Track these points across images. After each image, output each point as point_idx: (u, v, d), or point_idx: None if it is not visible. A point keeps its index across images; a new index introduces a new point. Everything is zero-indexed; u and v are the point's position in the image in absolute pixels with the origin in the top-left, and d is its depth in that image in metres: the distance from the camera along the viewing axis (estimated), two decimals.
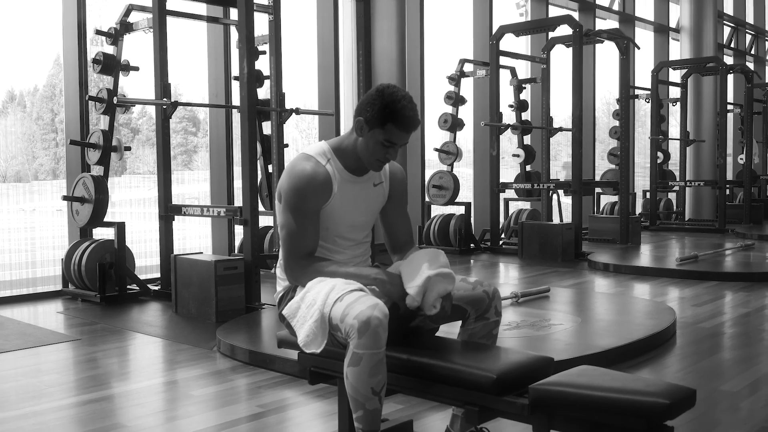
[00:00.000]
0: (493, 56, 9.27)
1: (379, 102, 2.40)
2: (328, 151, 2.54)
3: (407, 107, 2.40)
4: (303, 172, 2.46)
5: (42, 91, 16.95)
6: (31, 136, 24.86)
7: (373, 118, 2.41)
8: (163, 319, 5.32)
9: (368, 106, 2.42)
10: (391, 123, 2.40)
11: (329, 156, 2.52)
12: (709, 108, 13.34)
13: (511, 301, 5.35)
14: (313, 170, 2.46)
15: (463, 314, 2.53)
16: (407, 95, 2.44)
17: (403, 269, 2.44)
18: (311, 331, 2.33)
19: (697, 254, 7.96)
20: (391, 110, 2.39)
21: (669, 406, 1.86)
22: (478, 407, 2.15)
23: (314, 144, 2.61)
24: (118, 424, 3.12)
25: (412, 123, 2.43)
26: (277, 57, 6.61)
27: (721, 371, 3.92)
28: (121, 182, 20.67)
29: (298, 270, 2.47)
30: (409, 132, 2.44)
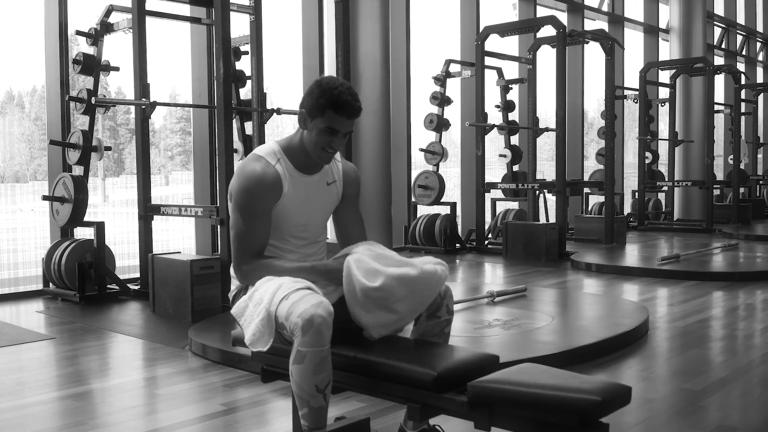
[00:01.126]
0: (479, 57, 9.30)
1: (318, 91, 2.44)
2: (278, 151, 2.55)
3: (344, 92, 2.43)
4: (252, 173, 2.48)
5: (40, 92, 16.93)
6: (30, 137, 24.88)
7: (313, 107, 2.45)
8: (141, 318, 5.34)
9: (308, 97, 2.47)
10: (330, 109, 2.42)
11: (279, 156, 2.54)
12: (698, 108, 13.37)
13: (487, 301, 5.37)
14: (262, 170, 2.48)
15: None
16: (346, 83, 2.49)
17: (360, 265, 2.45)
18: (257, 329, 2.36)
19: (679, 254, 7.99)
20: (328, 97, 2.42)
21: (601, 403, 1.89)
22: (420, 404, 2.17)
23: (264, 144, 2.63)
24: (81, 422, 3.14)
25: (351, 107, 2.44)
26: (259, 57, 6.63)
27: (687, 370, 3.94)
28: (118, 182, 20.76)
29: (247, 269, 2.50)
30: (350, 117, 2.46)
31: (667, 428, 2.99)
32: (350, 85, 2.50)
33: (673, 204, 13.61)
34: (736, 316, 5.41)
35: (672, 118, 13.27)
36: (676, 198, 13.62)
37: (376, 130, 8.01)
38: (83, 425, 3.08)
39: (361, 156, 8.03)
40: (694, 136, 13.37)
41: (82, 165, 6.01)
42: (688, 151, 13.49)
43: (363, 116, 2.55)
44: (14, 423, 3.13)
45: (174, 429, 3.03)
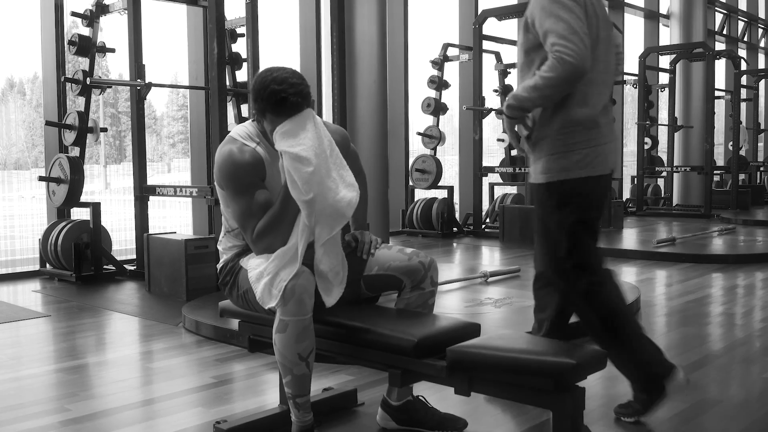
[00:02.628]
0: (476, 40, 9.29)
1: (255, 95, 2.35)
2: (255, 134, 2.49)
3: (278, 91, 2.29)
4: (229, 156, 2.43)
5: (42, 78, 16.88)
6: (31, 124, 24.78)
7: (257, 110, 2.38)
8: (136, 297, 5.37)
9: (252, 103, 2.39)
10: (270, 113, 2.34)
11: (258, 138, 2.48)
12: (698, 94, 13.34)
13: (480, 281, 5.41)
14: (238, 150, 2.43)
15: (399, 284, 2.56)
16: (278, 75, 2.31)
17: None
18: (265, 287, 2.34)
19: (675, 237, 8.01)
20: (263, 100, 2.33)
21: (575, 366, 1.91)
22: (400, 370, 2.20)
23: (239, 125, 2.56)
24: (70, 393, 3.18)
25: (285, 106, 2.30)
26: (254, 39, 6.62)
27: (674, 346, 3.97)
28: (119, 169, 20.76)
29: (261, 241, 2.41)
30: (292, 115, 2.32)
31: None
32: (286, 74, 2.32)
33: (672, 190, 13.61)
34: (729, 296, 5.44)
35: (672, 103, 13.25)
36: (675, 184, 13.61)
37: (373, 113, 7.99)
38: (76, 396, 3.12)
39: (357, 139, 8.03)
40: (693, 122, 13.34)
41: (78, 146, 6.03)
42: (688, 136, 13.47)
43: (359, 99, 2.36)
44: (10, 394, 3.17)
45: (166, 400, 3.07)
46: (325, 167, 2.33)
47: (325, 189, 2.31)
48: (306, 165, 2.28)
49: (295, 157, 2.28)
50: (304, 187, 2.27)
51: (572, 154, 2.65)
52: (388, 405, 2.65)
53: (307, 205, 2.28)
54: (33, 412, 2.93)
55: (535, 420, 2.75)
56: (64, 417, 2.85)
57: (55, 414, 2.89)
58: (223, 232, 2.63)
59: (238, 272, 2.51)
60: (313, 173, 2.28)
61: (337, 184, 2.34)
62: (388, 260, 2.56)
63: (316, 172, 2.28)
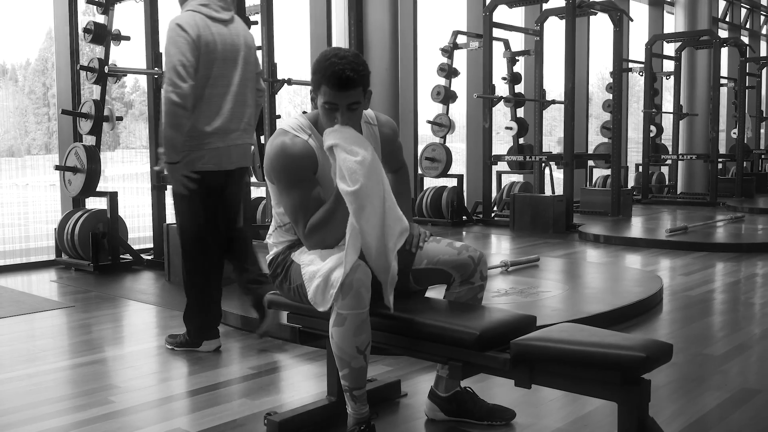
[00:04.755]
0: (487, 28, 9.25)
1: (314, 67, 2.35)
2: (307, 126, 2.47)
3: (336, 63, 2.29)
4: (281, 148, 2.41)
5: (34, 65, 16.78)
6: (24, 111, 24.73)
7: (313, 84, 2.37)
8: (156, 287, 5.36)
9: (312, 74, 2.38)
10: (324, 84, 2.32)
11: (310, 131, 2.46)
12: (703, 82, 13.33)
13: (500, 270, 5.41)
14: (291, 142, 2.41)
15: (448, 278, 2.55)
16: (342, 52, 2.33)
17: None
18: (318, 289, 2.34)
19: (687, 226, 8.03)
20: (320, 71, 2.32)
21: (645, 359, 1.91)
22: (461, 363, 2.20)
23: (290, 119, 2.54)
24: (111, 385, 3.17)
25: (340, 78, 2.28)
26: (269, 27, 6.60)
27: (706, 336, 3.99)
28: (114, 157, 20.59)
29: (313, 236, 2.42)
30: (343, 90, 2.30)
31: (692, 390, 3.03)
32: (348, 53, 2.34)
33: (677, 177, 13.63)
34: (749, 286, 5.46)
35: (677, 91, 13.25)
36: (680, 171, 13.63)
37: (385, 100, 7.97)
38: (117, 388, 3.11)
39: None
40: (698, 110, 13.34)
41: (93, 135, 5.99)
42: (692, 124, 13.47)
43: (371, 87, 2.37)
44: (49, 386, 3.16)
45: (208, 391, 3.06)
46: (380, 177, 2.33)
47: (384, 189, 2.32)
48: (354, 155, 2.27)
49: (344, 148, 2.28)
50: (350, 178, 2.25)
51: (194, 153, 3.44)
52: (437, 396, 2.65)
53: (354, 198, 2.25)
54: (71, 406, 2.92)
55: (581, 411, 2.76)
56: (108, 410, 2.84)
57: (98, 406, 2.87)
58: (273, 227, 2.61)
59: (290, 266, 2.50)
60: (361, 162, 2.26)
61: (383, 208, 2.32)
62: (437, 254, 2.55)
63: (365, 163, 2.26)
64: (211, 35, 3.41)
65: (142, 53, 6.11)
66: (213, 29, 3.42)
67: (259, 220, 7.17)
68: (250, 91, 3.60)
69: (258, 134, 7.00)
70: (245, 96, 3.56)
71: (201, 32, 3.37)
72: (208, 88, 3.41)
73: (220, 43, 3.43)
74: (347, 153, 2.27)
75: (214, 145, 3.45)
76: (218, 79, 3.44)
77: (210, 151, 3.44)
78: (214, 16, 3.45)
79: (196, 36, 3.35)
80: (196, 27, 3.37)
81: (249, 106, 3.60)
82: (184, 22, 3.36)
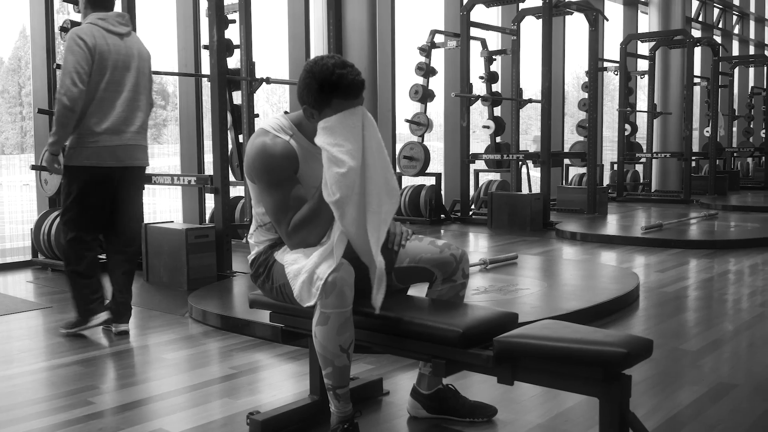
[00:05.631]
0: (464, 27, 9.30)
1: (315, 83, 2.29)
2: (289, 126, 2.46)
3: (344, 75, 2.27)
4: (262, 148, 2.40)
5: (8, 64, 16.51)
6: None
7: (317, 101, 2.31)
8: (135, 287, 5.29)
9: (306, 91, 2.33)
10: (337, 98, 2.28)
11: (291, 131, 2.45)
12: (676, 81, 13.50)
13: (479, 268, 5.44)
14: (272, 142, 2.41)
15: (430, 277, 2.57)
16: (339, 61, 2.31)
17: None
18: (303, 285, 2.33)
19: (662, 223, 8.13)
20: (329, 85, 2.27)
21: (626, 355, 1.94)
22: (445, 360, 2.22)
23: (271, 118, 2.53)
24: (91, 386, 3.15)
25: (357, 87, 2.29)
26: (247, 25, 6.59)
27: (681, 332, 4.05)
28: None
29: (296, 236, 2.41)
30: (358, 97, 2.32)
31: (670, 385, 3.08)
32: (344, 61, 2.31)
33: (651, 175, 13.78)
34: (723, 282, 5.54)
35: (651, 90, 13.40)
36: (654, 169, 13.79)
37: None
38: (96, 389, 3.09)
39: None
40: (672, 109, 13.50)
41: None
42: (666, 123, 13.63)
43: None
44: (28, 387, 3.14)
45: (189, 391, 3.06)
46: (374, 171, 2.31)
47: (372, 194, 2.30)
48: (340, 166, 2.25)
49: (331, 157, 2.27)
50: (332, 188, 2.26)
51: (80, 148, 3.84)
52: (419, 393, 2.67)
53: (335, 207, 2.27)
54: (50, 408, 2.90)
55: (562, 407, 2.79)
56: (88, 411, 2.82)
57: (77, 408, 2.86)
58: (254, 227, 2.61)
59: (272, 265, 2.50)
60: (344, 175, 2.24)
61: (384, 190, 2.33)
62: (419, 252, 2.57)
63: (349, 175, 2.25)
64: (107, 45, 3.83)
65: None
66: (108, 40, 3.85)
67: (237, 219, 7.15)
68: (144, 97, 4.01)
69: (236, 133, 6.98)
70: (137, 101, 3.96)
71: (97, 42, 3.79)
72: (100, 92, 3.82)
73: (114, 53, 3.85)
74: (333, 163, 2.26)
75: (102, 143, 3.84)
76: (111, 84, 3.85)
77: (97, 148, 3.83)
78: (110, 29, 3.88)
79: (92, 45, 3.77)
80: (93, 38, 3.79)
81: (142, 111, 4.00)
82: (83, 33, 3.79)
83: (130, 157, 3.97)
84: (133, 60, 3.93)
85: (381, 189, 2.34)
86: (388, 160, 2.40)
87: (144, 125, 4.04)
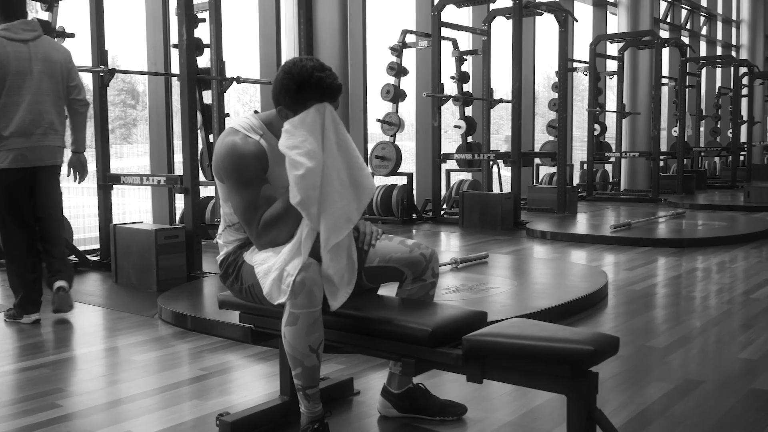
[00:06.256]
0: (435, 27, 9.32)
1: (293, 84, 2.29)
2: (260, 126, 2.46)
3: (323, 78, 2.29)
4: (232, 147, 2.39)
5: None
6: None
7: (294, 102, 2.31)
8: (103, 288, 5.27)
9: (282, 92, 2.32)
10: (314, 101, 2.29)
11: (261, 131, 2.45)
12: (645, 81, 13.67)
13: (450, 267, 5.47)
14: (242, 141, 2.40)
15: (400, 276, 2.57)
16: (317, 63, 2.32)
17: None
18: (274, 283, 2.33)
19: (631, 222, 8.22)
20: (308, 87, 2.28)
21: (593, 353, 1.96)
22: (414, 359, 2.22)
23: (240, 118, 2.52)
24: (58, 388, 3.11)
25: (334, 91, 2.32)
26: (217, 24, 6.55)
27: (649, 329, 4.10)
28: None
29: (265, 236, 2.40)
30: (335, 100, 2.34)
31: (637, 381, 3.12)
32: (321, 64, 2.32)
33: (620, 175, 13.93)
34: (690, 279, 5.62)
35: (620, 90, 13.55)
36: (623, 169, 13.94)
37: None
38: (63, 392, 3.05)
39: None
40: (640, 109, 13.67)
41: None
42: (635, 123, 13.80)
43: None
44: None
45: (159, 393, 3.03)
46: (330, 171, 2.30)
47: (326, 194, 2.29)
48: (297, 168, 2.26)
49: (290, 160, 2.27)
50: (292, 190, 2.27)
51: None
52: (389, 393, 2.67)
53: (300, 208, 2.28)
54: (16, 411, 2.86)
55: (531, 404, 2.81)
56: (55, 414, 2.79)
57: (45, 411, 2.82)
58: (222, 227, 2.60)
59: (241, 266, 2.49)
60: (302, 177, 2.25)
61: (344, 188, 2.33)
62: (389, 252, 2.57)
63: (307, 176, 2.25)
64: (6, 54, 4.01)
65: (87, 50, 5.99)
66: (8, 48, 4.03)
67: (207, 220, 7.11)
68: (50, 98, 4.16)
69: (206, 133, 6.94)
70: (42, 104, 4.13)
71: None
72: (3, 98, 4.02)
73: (14, 59, 4.03)
74: (292, 166, 2.27)
75: (12, 146, 4.05)
76: (12, 89, 4.04)
77: (9, 151, 4.05)
78: (12, 37, 4.05)
79: None
80: None
81: (49, 113, 4.16)
82: None
83: (39, 158, 4.15)
84: (36, 63, 4.09)
85: (341, 188, 2.32)
86: (354, 156, 2.39)
87: (54, 126, 4.20)
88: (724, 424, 2.65)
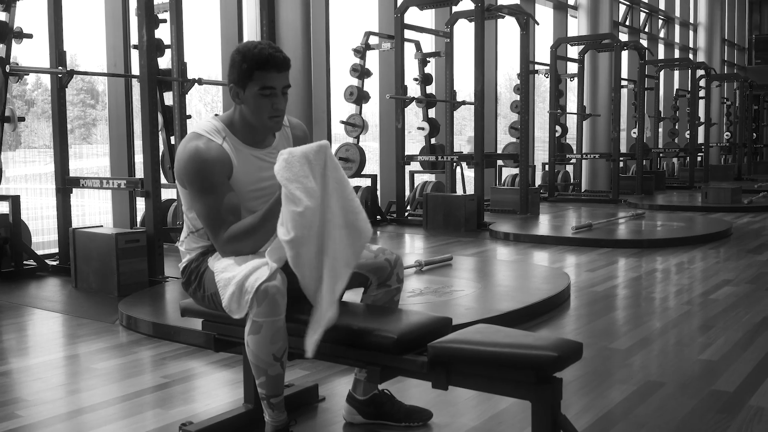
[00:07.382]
0: (398, 29, 9.34)
1: (239, 57, 2.36)
2: (221, 128, 2.44)
3: (266, 48, 2.36)
4: (196, 152, 2.37)
5: None
6: None
7: (240, 75, 2.37)
8: (62, 294, 5.18)
9: (232, 69, 2.39)
10: (257, 70, 2.34)
11: (224, 133, 2.44)
12: (605, 83, 13.85)
13: (414, 270, 5.48)
14: (205, 146, 2.38)
15: (365, 282, 2.57)
16: (264, 41, 2.43)
17: None
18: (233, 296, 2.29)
19: (591, 223, 8.32)
20: (250, 58, 2.34)
21: (557, 359, 1.98)
22: (380, 367, 2.22)
23: (202, 122, 2.51)
24: (17, 398, 3.05)
25: (276, 59, 2.35)
26: (178, 25, 6.47)
27: (611, 331, 4.15)
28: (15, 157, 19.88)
29: (230, 246, 2.38)
30: (280, 71, 2.36)
31: (600, 384, 3.15)
32: (269, 42, 2.44)
33: (581, 176, 14.10)
34: (651, 280, 5.71)
35: (580, 92, 13.71)
36: (584, 170, 14.11)
37: (298, 101, 7.94)
38: (21, 402, 2.99)
39: None
40: (600, 110, 13.85)
41: None
42: (595, 124, 13.98)
43: None
44: None
45: (120, 402, 2.99)
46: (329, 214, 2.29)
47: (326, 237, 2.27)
48: (297, 205, 2.21)
49: (288, 193, 2.22)
50: (288, 226, 2.21)
51: None
52: (355, 399, 2.67)
53: (289, 246, 2.21)
54: None
55: (495, 409, 2.83)
56: (15, 425, 2.73)
57: (4, 421, 2.76)
58: (186, 233, 2.56)
59: (204, 273, 2.46)
60: (301, 215, 2.20)
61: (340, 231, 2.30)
62: None
63: (306, 215, 2.21)
64: None
65: (45, 51, 5.88)
66: None
67: (169, 223, 7.02)
68: None
69: (168, 135, 6.85)
70: None
71: None
72: None
73: None
74: (290, 201, 2.21)
75: None
76: None
77: None
78: None
79: None
80: None
81: None
82: None
83: None
84: None
85: (342, 232, 2.31)
86: (353, 202, 2.37)
87: None
88: (685, 426, 2.69)
